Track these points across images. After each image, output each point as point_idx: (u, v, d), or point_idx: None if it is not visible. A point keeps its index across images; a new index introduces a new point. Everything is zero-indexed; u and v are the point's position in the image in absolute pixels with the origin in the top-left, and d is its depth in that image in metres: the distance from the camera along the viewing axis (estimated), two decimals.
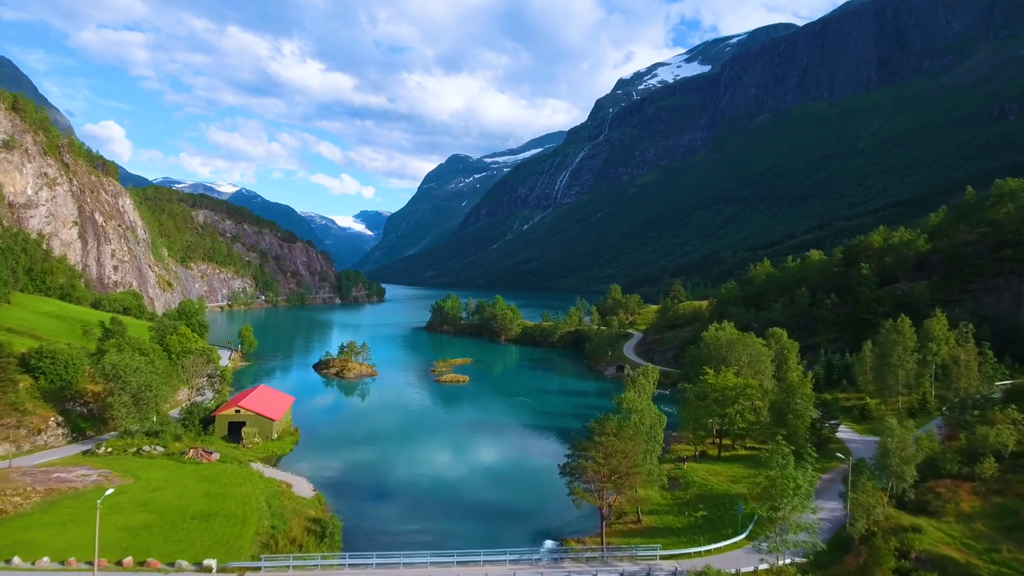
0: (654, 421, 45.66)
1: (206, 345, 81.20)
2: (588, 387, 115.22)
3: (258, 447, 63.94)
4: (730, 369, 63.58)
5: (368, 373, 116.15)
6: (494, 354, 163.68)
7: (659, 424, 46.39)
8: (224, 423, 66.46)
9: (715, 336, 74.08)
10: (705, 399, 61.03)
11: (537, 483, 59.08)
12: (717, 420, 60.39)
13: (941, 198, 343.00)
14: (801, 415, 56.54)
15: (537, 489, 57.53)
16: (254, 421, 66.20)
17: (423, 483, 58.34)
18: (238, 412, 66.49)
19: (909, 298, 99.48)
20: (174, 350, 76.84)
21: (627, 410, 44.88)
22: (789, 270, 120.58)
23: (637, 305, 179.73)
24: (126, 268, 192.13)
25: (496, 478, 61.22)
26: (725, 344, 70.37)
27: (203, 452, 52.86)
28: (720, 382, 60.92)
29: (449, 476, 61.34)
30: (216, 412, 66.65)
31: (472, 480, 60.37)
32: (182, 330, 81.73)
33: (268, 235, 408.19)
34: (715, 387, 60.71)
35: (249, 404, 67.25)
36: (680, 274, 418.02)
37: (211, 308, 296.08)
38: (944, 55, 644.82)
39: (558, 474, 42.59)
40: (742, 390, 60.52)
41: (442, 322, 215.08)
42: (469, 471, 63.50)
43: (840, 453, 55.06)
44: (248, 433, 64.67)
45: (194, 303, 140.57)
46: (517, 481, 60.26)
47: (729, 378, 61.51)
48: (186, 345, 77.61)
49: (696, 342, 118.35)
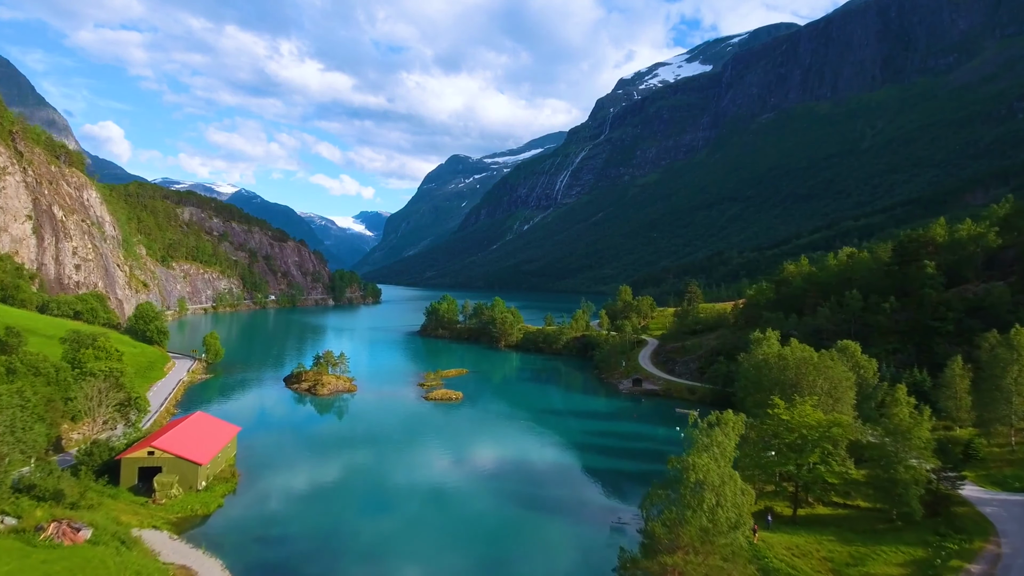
0: (739, 502, 29.36)
1: (118, 366, 64.53)
2: (602, 406, 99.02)
3: (174, 502, 47.75)
4: (806, 400, 47.43)
5: (345, 389, 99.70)
6: (493, 363, 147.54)
7: (745, 499, 30.20)
8: (132, 469, 50.17)
9: (778, 353, 57.87)
10: (775, 439, 45.19)
11: (548, 545, 43.39)
12: (793, 470, 44.39)
13: (954, 197, 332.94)
14: (915, 469, 40.72)
15: (548, 552, 41.92)
16: (173, 466, 50.00)
17: (394, 558, 42.35)
18: (151, 454, 50.26)
19: (985, 301, 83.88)
20: (89, 369, 60.59)
21: (697, 483, 28.62)
22: (831, 269, 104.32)
23: (650, 308, 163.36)
24: (90, 267, 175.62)
25: (493, 542, 45.21)
26: (794, 365, 54.12)
27: (68, 528, 36.78)
28: (797, 419, 44.88)
29: (432, 547, 45.09)
30: (122, 455, 50.37)
31: (464, 555, 44.20)
32: (101, 342, 65.68)
33: (258, 234, 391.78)
34: (790, 426, 44.77)
35: (167, 444, 50.97)
36: (684, 274, 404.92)
37: (193, 310, 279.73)
38: (949, 53, 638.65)
39: None
40: (826, 430, 44.51)
41: (437, 326, 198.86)
42: (459, 540, 47.18)
43: (973, 520, 39.31)
44: (163, 483, 48.43)
45: (151, 307, 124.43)
46: (520, 544, 44.38)
47: (807, 413, 45.45)
48: (97, 365, 61.22)
49: (727, 353, 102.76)
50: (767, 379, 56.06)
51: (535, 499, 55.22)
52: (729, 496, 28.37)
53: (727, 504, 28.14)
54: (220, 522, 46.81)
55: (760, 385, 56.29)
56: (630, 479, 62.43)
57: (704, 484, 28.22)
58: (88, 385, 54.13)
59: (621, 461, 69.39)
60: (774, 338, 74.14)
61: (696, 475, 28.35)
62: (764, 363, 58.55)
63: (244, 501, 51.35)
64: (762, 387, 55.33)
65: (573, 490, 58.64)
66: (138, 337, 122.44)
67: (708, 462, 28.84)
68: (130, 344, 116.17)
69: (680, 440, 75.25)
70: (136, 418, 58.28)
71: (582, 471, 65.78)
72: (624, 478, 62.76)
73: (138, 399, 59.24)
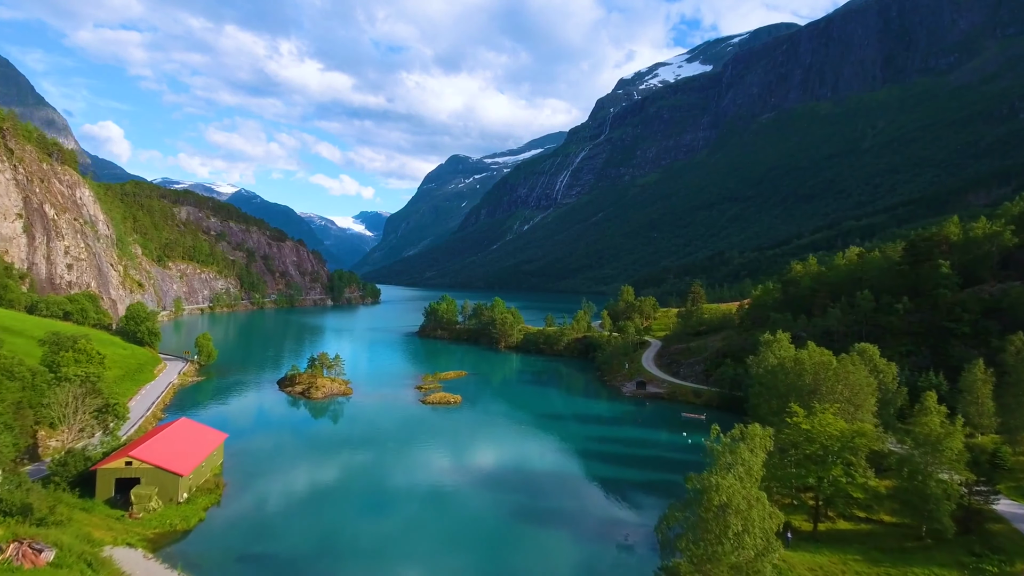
0: (768, 527, 26.15)
1: (96, 372, 61.39)
2: (605, 409, 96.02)
3: (152, 517, 44.71)
4: (827, 408, 44.40)
5: (340, 392, 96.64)
6: (492, 364, 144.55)
7: (772, 522, 27.02)
8: (108, 480, 47.14)
9: (794, 357, 54.75)
10: (794, 449, 42.22)
11: (551, 561, 40.47)
12: (814, 483, 41.41)
13: (956, 197, 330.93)
14: (946, 483, 37.78)
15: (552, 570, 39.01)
16: (152, 477, 46.98)
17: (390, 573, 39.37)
18: (129, 464, 47.25)
19: (1002, 302, 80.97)
20: (64, 373, 57.49)
21: (720, 507, 25.43)
22: (840, 269, 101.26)
23: (652, 309, 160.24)
24: (82, 267, 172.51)
25: (493, 558, 42.23)
26: (812, 370, 51.02)
27: (29, 549, 33.80)
28: (818, 429, 41.87)
29: (429, 564, 42.11)
30: (98, 465, 47.35)
31: (463, 569, 41.21)
32: (82, 345, 62.50)
33: (256, 233, 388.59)
34: (811, 435, 41.79)
35: (146, 453, 47.94)
36: (685, 275, 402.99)
37: (190, 311, 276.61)
38: (950, 53, 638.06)
39: None
40: (849, 440, 41.52)
41: (436, 327, 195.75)
42: (459, 553, 44.18)
43: (1010, 539, 36.35)
44: (140, 495, 45.39)
45: (143, 307, 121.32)
46: (523, 559, 41.42)
47: (829, 422, 42.41)
48: (74, 369, 58.08)
49: (733, 355, 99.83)
50: (783, 384, 53.02)
51: (537, 512, 52.18)
52: (756, 521, 25.38)
53: (754, 530, 25.17)
54: (201, 538, 43.78)
55: (775, 391, 53.26)
56: (636, 488, 59.46)
57: (728, 508, 25.18)
58: (63, 391, 51.08)
59: (626, 469, 66.42)
60: (785, 340, 71.21)
61: (720, 497, 25.33)
62: (780, 368, 55.43)
63: (228, 514, 48.32)
64: (777, 393, 52.31)
65: (576, 500, 55.67)
66: (129, 338, 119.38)
67: (733, 484, 25.77)
68: (120, 346, 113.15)
69: (687, 447, 72.28)
70: (115, 425, 55.21)
71: (585, 479, 62.80)
72: (629, 487, 59.78)
73: (116, 405, 56.12)
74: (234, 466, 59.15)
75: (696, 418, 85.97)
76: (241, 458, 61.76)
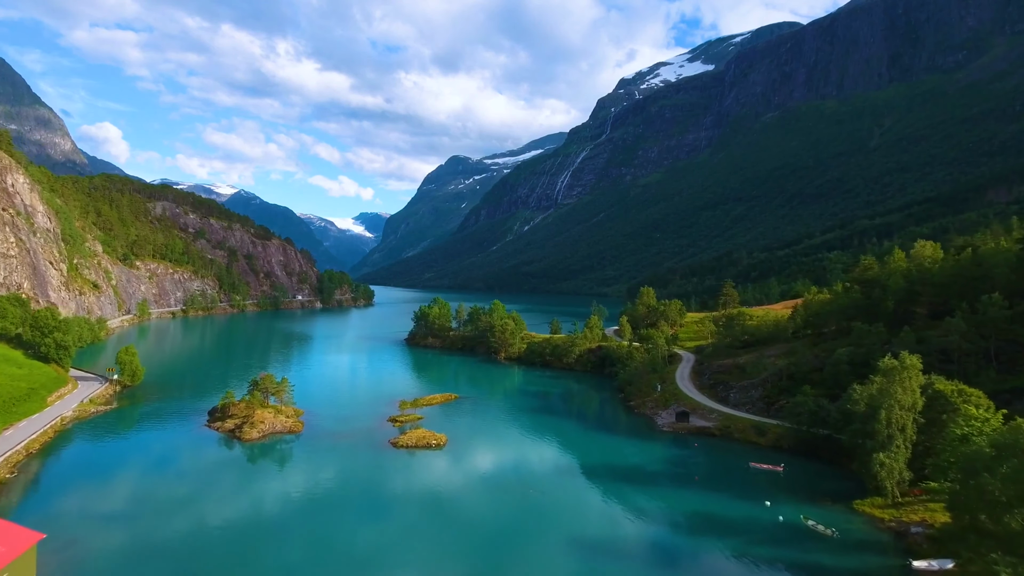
0: None
1: None
2: (637, 453, 70.92)
3: None
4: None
5: (285, 428, 72.01)
6: (490, 381, 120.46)
7: None
8: None
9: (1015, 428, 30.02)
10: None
11: None
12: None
13: (976, 194, 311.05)
14: None
15: None
16: None
17: None
18: None
19: None
20: None
21: None
22: (947, 267, 77.21)
23: (679, 314, 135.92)
24: (12, 265, 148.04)
25: None
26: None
27: None
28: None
29: None
30: None
31: None
32: None
33: (239, 231, 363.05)
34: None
35: None
36: (691, 275, 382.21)
37: (159, 314, 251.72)
38: (958, 51, 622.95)
39: None
40: None
41: (427, 334, 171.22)
42: None
43: None
44: None
45: (52, 313, 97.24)
46: None
47: None
48: None
49: (802, 377, 76.32)
50: (1002, 480, 28.14)
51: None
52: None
53: None
54: None
55: (979, 490, 28.88)
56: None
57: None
58: None
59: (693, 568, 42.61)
60: (916, 365, 47.91)
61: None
62: (1000, 452, 30.27)
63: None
64: (984, 495, 28.16)
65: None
66: (33, 353, 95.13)
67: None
68: (16, 363, 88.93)
69: (775, 525, 48.68)
70: None
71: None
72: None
73: None
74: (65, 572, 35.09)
75: (771, 470, 62.10)
76: (70, 567, 37.60)
